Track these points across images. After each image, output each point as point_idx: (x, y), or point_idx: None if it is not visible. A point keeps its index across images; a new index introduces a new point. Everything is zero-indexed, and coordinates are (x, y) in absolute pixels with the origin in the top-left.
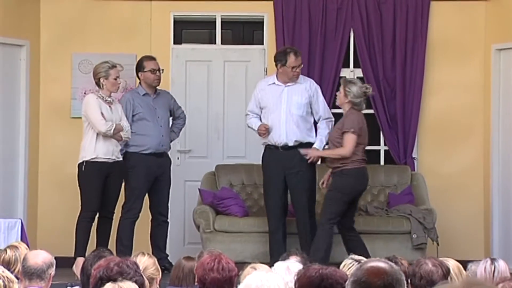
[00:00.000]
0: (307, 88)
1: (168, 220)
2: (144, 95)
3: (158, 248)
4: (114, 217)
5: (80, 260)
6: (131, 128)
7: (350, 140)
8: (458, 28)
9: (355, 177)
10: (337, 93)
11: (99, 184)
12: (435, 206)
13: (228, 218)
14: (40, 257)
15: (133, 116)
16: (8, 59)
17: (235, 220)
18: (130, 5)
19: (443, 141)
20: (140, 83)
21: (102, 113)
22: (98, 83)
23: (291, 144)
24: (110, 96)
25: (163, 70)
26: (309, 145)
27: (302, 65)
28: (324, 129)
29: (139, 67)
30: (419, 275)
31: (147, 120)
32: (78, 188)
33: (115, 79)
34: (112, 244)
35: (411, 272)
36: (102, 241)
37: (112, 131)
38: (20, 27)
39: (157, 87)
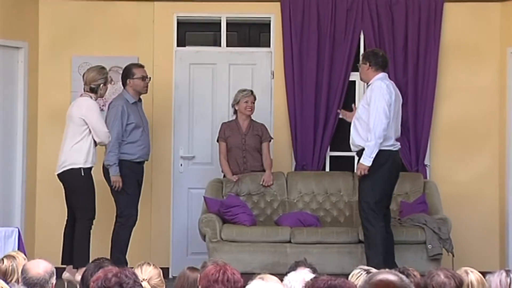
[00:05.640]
0: None
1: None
2: (133, 103)
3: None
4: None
5: (81, 271)
6: (122, 136)
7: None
8: (472, 30)
9: None
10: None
11: (94, 191)
12: (449, 215)
13: (235, 227)
14: (41, 267)
15: (127, 125)
16: (5, 61)
17: (243, 229)
18: (132, 6)
19: (456, 147)
20: (125, 89)
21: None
22: (94, 89)
23: None
24: None
25: (150, 78)
26: None
27: None
28: None
29: (128, 74)
30: (431, 287)
31: (138, 129)
32: (74, 194)
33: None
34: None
35: (423, 284)
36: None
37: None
38: (18, 28)
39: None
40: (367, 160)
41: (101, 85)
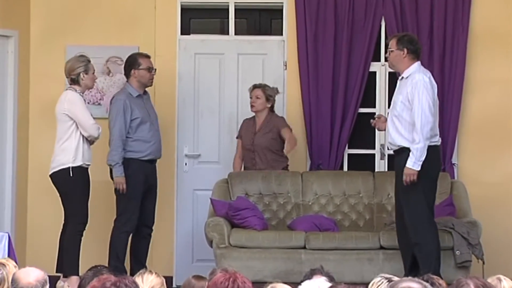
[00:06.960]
0: None
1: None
2: (137, 96)
3: (139, 262)
4: None
5: (74, 279)
6: (128, 133)
7: None
8: (504, 17)
9: None
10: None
11: (88, 192)
12: (479, 218)
13: (245, 231)
14: (32, 276)
15: (131, 120)
16: None
17: (254, 234)
18: None
19: (487, 145)
20: (128, 82)
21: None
22: (75, 80)
23: None
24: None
25: (155, 70)
26: None
27: None
28: None
29: (133, 64)
30: None
31: (145, 124)
32: (65, 196)
33: (93, 73)
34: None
35: None
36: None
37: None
38: (8, 16)
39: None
40: (416, 165)
41: (81, 73)
